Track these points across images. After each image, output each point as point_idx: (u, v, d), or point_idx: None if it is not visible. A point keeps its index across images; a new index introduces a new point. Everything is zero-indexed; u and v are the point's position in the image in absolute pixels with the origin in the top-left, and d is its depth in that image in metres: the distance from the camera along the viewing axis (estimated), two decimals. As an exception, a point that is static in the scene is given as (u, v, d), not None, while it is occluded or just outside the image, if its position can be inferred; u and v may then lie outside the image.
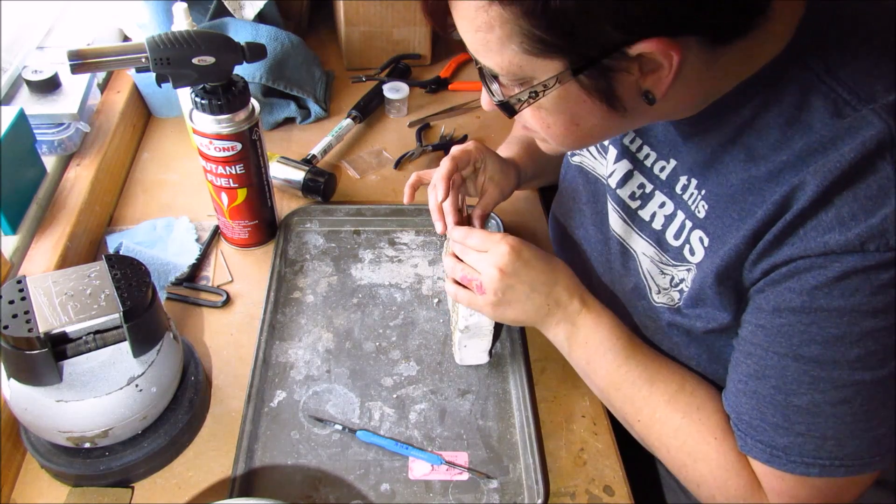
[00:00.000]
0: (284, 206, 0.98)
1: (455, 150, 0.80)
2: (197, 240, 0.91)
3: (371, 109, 1.16)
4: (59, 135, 0.90)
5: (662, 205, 0.66)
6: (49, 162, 0.90)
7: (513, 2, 0.47)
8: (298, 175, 0.97)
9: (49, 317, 0.59)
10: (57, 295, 0.61)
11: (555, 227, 0.87)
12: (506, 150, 0.90)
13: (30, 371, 0.60)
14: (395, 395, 0.75)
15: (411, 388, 0.76)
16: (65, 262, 0.80)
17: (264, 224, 0.90)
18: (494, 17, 0.49)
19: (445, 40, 1.40)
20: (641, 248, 0.69)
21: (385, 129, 1.15)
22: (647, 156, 0.69)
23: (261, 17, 1.16)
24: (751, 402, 0.58)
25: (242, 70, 1.03)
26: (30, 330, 0.58)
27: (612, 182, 0.72)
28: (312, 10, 1.37)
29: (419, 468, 0.69)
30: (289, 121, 1.14)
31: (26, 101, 0.89)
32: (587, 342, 0.68)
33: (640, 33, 0.47)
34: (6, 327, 0.57)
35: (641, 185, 0.69)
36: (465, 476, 0.69)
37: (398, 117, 1.18)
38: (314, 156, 1.03)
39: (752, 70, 0.55)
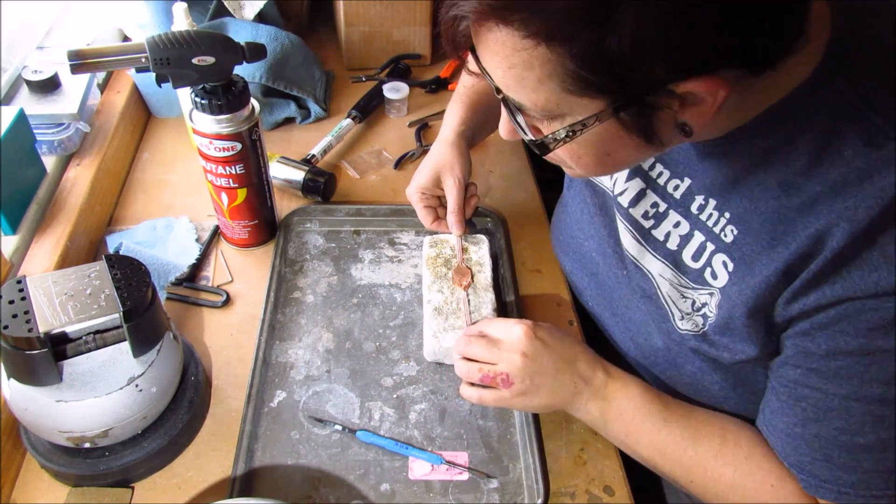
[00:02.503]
0: (284, 206, 0.98)
1: (454, 188, 0.82)
2: (197, 240, 0.91)
3: (371, 109, 1.16)
4: (59, 135, 0.90)
5: (677, 224, 0.65)
6: (49, 162, 0.90)
7: (563, 43, 0.45)
8: (298, 175, 0.97)
9: (49, 317, 0.59)
10: (57, 295, 0.61)
11: (558, 235, 0.87)
12: (453, 116, 0.90)
13: (30, 371, 0.60)
14: (395, 395, 0.75)
15: (411, 388, 0.76)
16: (65, 262, 0.80)
17: (264, 224, 0.90)
18: (536, 56, 0.46)
19: (445, 40, 1.40)
20: (657, 269, 0.67)
21: (385, 129, 1.15)
22: (661, 174, 0.67)
23: (261, 17, 1.16)
24: (813, 445, 0.57)
25: (242, 70, 1.03)
26: (30, 330, 0.57)
27: (624, 201, 0.71)
28: (312, 10, 1.37)
29: (419, 468, 0.69)
30: (289, 121, 1.14)
31: (26, 101, 0.89)
32: (622, 413, 0.65)
33: (690, 72, 0.45)
34: (6, 327, 0.57)
35: (655, 204, 0.68)
36: (465, 476, 0.69)
37: (398, 117, 1.18)
38: (314, 156, 1.03)
39: (782, 94, 0.54)
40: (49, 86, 0.90)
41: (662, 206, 0.67)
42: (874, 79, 0.52)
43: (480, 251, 0.86)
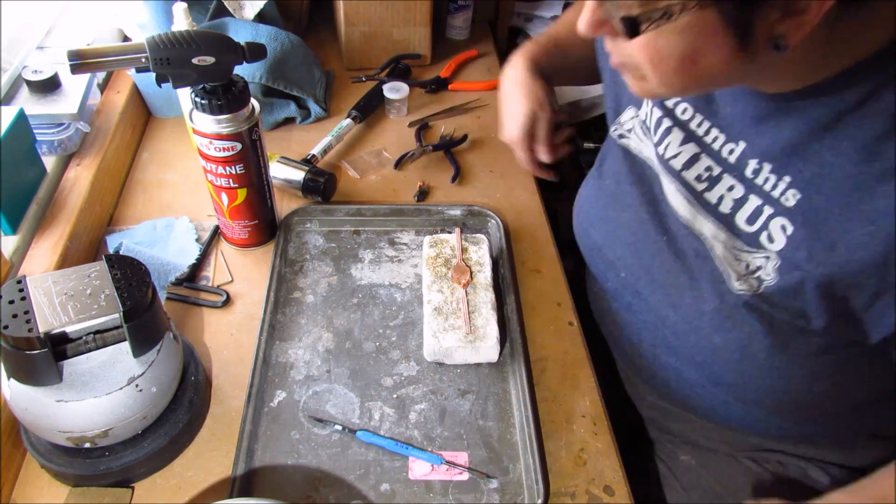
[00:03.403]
0: (284, 206, 0.98)
1: (524, 121, 0.82)
2: (197, 240, 0.91)
3: (371, 109, 1.16)
4: (59, 135, 0.90)
5: (731, 188, 0.65)
6: (49, 162, 0.90)
7: None
8: (298, 175, 0.97)
9: (49, 317, 0.59)
10: (57, 295, 0.61)
11: (588, 210, 0.86)
12: (536, 46, 0.91)
13: (30, 371, 0.60)
14: (395, 395, 0.75)
15: (411, 388, 0.76)
16: (65, 262, 0.80)
17: (264, 224, 0.90)
18: None
19: (445, 40, 1.41)
20: (710, 231, 0.67)
21: (385, 129, 1.15)
22: (716, 139, 0.67)
23: (261, 17, 1.16)
24: None
25: (242, 70, 1.03)
26: (30, 330, 0.57)
27: (677, 164, 0.70)
28: (312, 10, 1.37)
29: (419, 468, 0.69)
30: (289, 121, 1.14)
31: (26, 101, 0.89)
32: None
33: None
34: (6, 327, 0.57)
35: (708, 168, 0.67)
36: (465, 476, 0.69)
37: (398, 117, 1.18)
38: (314, 156, 1.03)
39: (864, 53, 0.53)
40: (49, 86, 0.90)
41: (716, 170, 0.67)
42: None
43: (480, 251, 0.86)
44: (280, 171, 0.98)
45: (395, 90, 1.15)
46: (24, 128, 0.82)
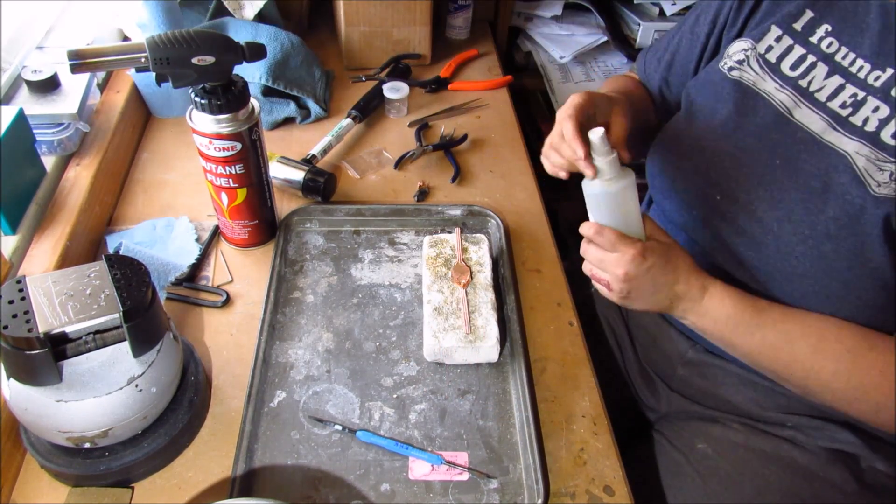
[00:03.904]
0: (284, 206, 0.98)
1: (570, 108, 0.74)
2: (197, 240, 0.91)
3: (371, 109, 1.16)
4: (58, 135, 0.90)
5: (876, 109, 0.70)
6: (49, 162, 0.90)
7: None
8: (298, 175, 0.97)
9: (49, 317, 0.59)
10: (57, 295, 0.61)
11: (672, 147, 0.86)
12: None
13: (30, 371, 0.60)
14: (395, 395, 0.75)
15: (411, 388, 0.76)
16: (65, 262, 0.80)
17: (264, 224, 0.90)
18: None
19: (445, 40, 1.41)
20: (853, 148, 0.70)
21: (385, 129, 1.15)
22: (861, 68, 0.72)
23: (261, 17, 1.16)
24: None
25: (242, 70, 1.03)
26: (30, 330, 0.57)
27: (822, 96, 0.74)
28: (312, 10, 1.37)
29: (419, 468, 0.69)
30: (289, 121, 1.14)
31: (26, 101, 0.89)
32: (715, 323, 0.73)
33: None
34: (6, 327, 0.57)
35: (854, 95, 0.72)
36: (465, 476, 0.69)
37: (398, 117, 1.18)
38: (314, 156, 1.03)
39: None
40: (49, 86, 0.90)
41: (861, 95, 0.71)
42: None
43: (480, 251, 0.86)
44: (280, 171, 0.98)
45: (395, 90, 1.15)
46: (23, 128, 0.82)
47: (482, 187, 1.04)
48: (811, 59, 0.76)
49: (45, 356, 0.58)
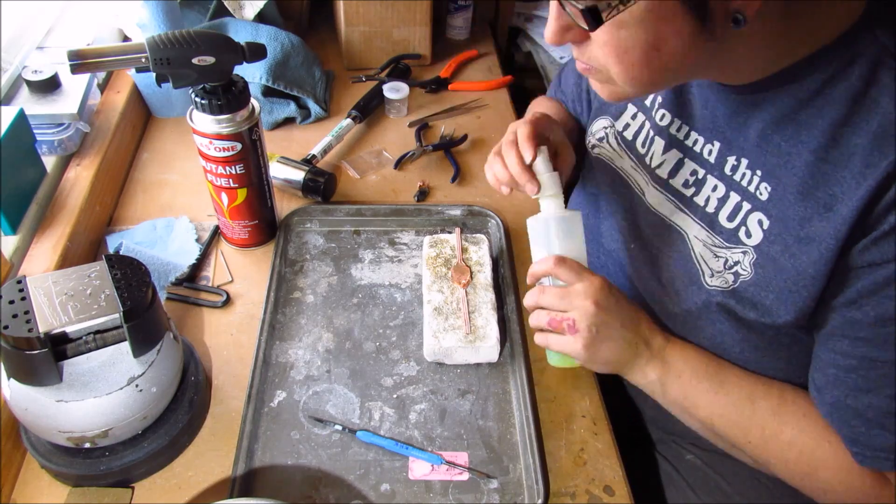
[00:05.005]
0: (284, 206, 0.98)
1: (530, 116, 0.76)
2: (197, 240, 0.91)
3: (371, 109, 1.16)
4: (59, 135, 0.90)
5: (715, 188, 0.66)
6: (49, 162, 0.90)
7: None
8: (298, 175, 0.97)
9: (49, 317, 0.59)
10: (57, 295, 0.61)
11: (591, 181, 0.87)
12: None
13: (30, 371, 0.60)
14: (395, 395, 0.75)
15: (411, 388, 0.76)
16: (65, 262, 0.80)
17: (264, 224, 0.90)
18: None
19: (445, 40, 1.41)
20: (694, 231, 0.68)
21: (385, 129, 1.15)
22: (696, 141, 0.68)
23: (261, 17, 1.16)
24: (867, 416, 0.57)
25: (242, 70, 1.03)
26: (30, 330, 0.57)
27: (663, 172, 0.71)
28: (312, 10, 1.37)
29: (419, 468, 0.69)
30: (289, 121, 1.14)
31: (26, 101, 0.89)
32: (680, 376, 0.67)
33: None
34: (6, 327, 0.57)
35: (694, 172, 0.69)
36: (465, 476, 0.69)
37: (398, 117, 1.18)
38: (314, 156, 1.03)
39: (821, 42, 0.54)
40: (49, 86, 0.90)
41: (701, 173, 0.68)
42: None
43: (480, 251, 0.86)
44: (280, 171, 0.98)
45: (395, 90, 1.15)
46: (24, 128, 0.82)
47: (482, 187, 1.04)
48: (651, 132, 0.73)
49: (46, 356, 0.58)
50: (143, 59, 0.71)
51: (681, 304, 0.70)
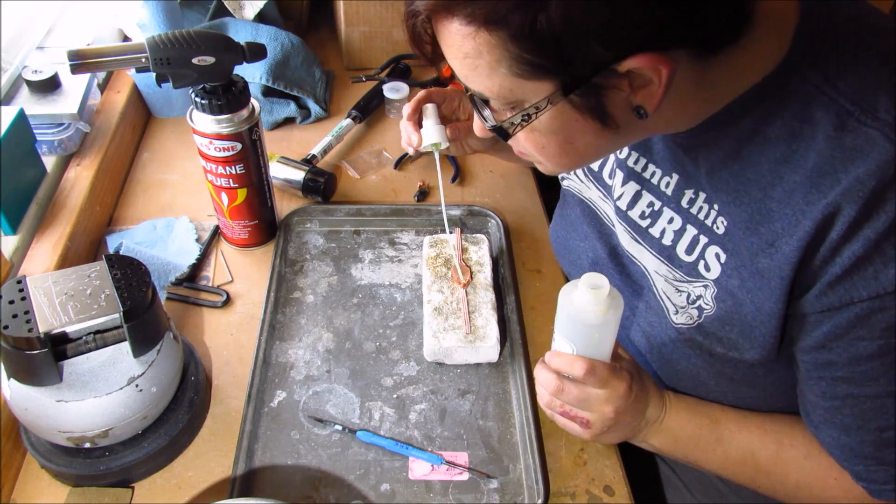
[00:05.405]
0: (284, 206, 0.98)
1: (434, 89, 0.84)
2: (197, 240, 0.91)
3: (371, 109, 1.16)
4: (59, 135, 0.90)
5: (671, 220, 0.66)
6: (49, 162, 0.90)
7: (499, 27, 0.47)
8: (298, 175, 0.97)
9: (49, 317, 0.59)
10: (57, 295, 0.61)
11: (556, 237, 0.88)
12: None
13: (30, 371, 0.60)
14: (395, 395, 0.75)
15: (411, 388, 0.76)
16: (65, 262, 0.80)
17: (264, 224, 0.90)
18: (482, 42, 0.48)
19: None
20: (654, 266, 0.68)
21: (385, 129, 1.15)
22: (654, 174, 0.68)
23: (261, 17, 1.16)
24: (863, 452, 0.58)
25: (242, 70, 1.03)
26: (30, 330, 0.57)
27: (623, 204, 0.72)
28: (312, 10, 1.37)
29: (419, 468, 0.69)
30: (289, 121, 1.14)
31: (26, 101, 0.89)
32: (677, 442, 0.68)
33: (628, 50, 0.46)
34: (6, 327, 0.57)
35: (650, 204, 0.68)
36: (465, 476, 0.69)
37: (398, 117, 1.18)
38: (314, 156, 1.03)
39: (747, 85, 0.54)
40: (49, 86, 0.90)
41: (657, 205, 0.68)
42: (838, 63, 0.52)
43: (480, 251, 0.86)
44: (280, 171, 0.98)
45: (395, 90, 1.15)
46: (24, 128, 0.82)
47: (482, 187, 1.04)
48: (613, 164, 0.74)
49: (46, 356, 0.58)
50: (143, 59, 0.71)
51: (653, 338, 0.70)
